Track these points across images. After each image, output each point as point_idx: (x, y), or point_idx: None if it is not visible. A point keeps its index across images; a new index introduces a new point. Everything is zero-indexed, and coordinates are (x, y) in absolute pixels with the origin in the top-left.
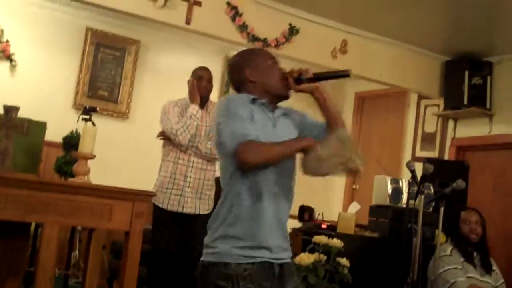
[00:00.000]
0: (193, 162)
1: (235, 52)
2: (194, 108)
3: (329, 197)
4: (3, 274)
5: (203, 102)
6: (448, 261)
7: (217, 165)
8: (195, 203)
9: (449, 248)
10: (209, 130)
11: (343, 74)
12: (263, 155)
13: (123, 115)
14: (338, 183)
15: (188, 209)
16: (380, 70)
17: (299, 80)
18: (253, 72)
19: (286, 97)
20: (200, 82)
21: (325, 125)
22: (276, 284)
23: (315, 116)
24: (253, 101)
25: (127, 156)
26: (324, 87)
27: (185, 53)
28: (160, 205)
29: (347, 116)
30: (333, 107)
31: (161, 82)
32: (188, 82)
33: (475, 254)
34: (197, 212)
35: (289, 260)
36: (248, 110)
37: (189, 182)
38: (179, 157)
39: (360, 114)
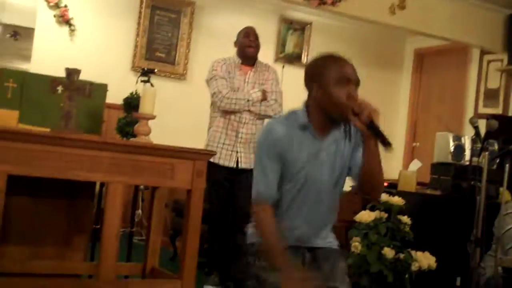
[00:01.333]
0: (245, 119)
1: (290, 12)
2: (257, 96)
3: (388, 155)
4: (72, 231)
5: (253, 61)
6: None
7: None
8: (249, 158)
9: None
10: (260, 92)
11: (384, 143)
12: (258, 228)
13: (180, 76)
14: (398, 141)
15: (244, 164)
16: (440, 25)
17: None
18: (318, 90)
19: (343, 122)
20: (247, 37)
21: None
22: (310, 265)
23: None
24: (301, 127)
25: (186, 116)
26: (375, 142)
27: (240, 13)
28: (213, 160)
29: (406, 73)
30: (373, 159)
31: (216, 42)
32: (234, 43)
33: None
34: (252, 167)
35: (324, 245)
36: (275, 154)
37: (241, 138)
38: (232, 113)
39: (419, 71)
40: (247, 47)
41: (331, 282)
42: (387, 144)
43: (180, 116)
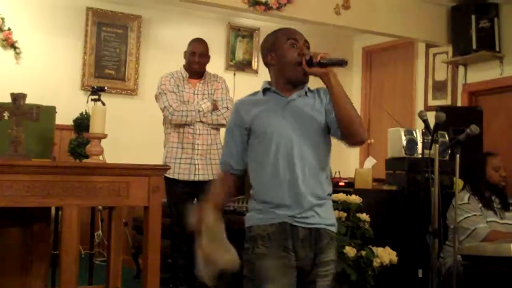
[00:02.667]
0: (199, 130)
1: (237, 19)
2: (207, 106)
3: (344, 155)
4: (30, 259)
5: (199, 75)
6: (466, 208)
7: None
8: (206, 169)
9: (466, 196)
10: (210, 102)
11: (341, 64)
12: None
13: (131, 92)
14: None
15: (201, 176)
16: (385, 23)
17: (310, 63)
18: (273, 56)
19: (301, 82)
20: (192, 57)
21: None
22: (303, 246)
23: None
24: (265, 91)
25: (140, 132)
26: (333, 73)
27: (187, 23)
28: (171, 176)
29: (357, 71)
30: (339, 94)
31: (166, 55)
32: (184, 53)
33: (493, 197)
34: (210, 178)
35: (321, 227)
36: (235, 130)
37: (198, 149)
38: (184, 126)
39: (369, 69)
40: (192, 64)
41: (311, 276)
42: (342, 62)
43: (134, 132)
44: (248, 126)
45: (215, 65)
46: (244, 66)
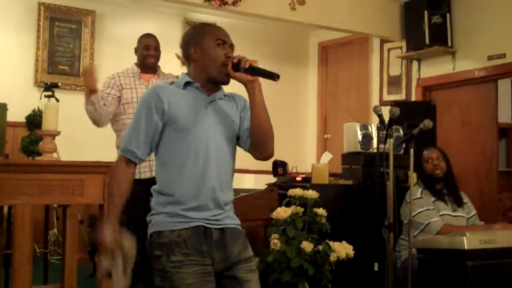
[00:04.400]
0: None
1: (194, 15)
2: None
3: (301, 150)
4: None
5: (153, 70)
6: (419, 203)
7: None
8: None
9: (418, 191)
10: None
11: (272, 76)
12: (111, 181)
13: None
14: (309, 134)
15: (154, 172)
16: (340, 18)
17: (236, 67)
18: (197, 51)
19: (223, 83)
20: (147, 51)
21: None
22: (218, 249)
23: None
24: (186, 85)
25: (95, 129)
26: (258, 83)
27: (142, 18)
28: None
29: (312, 66)
30: (259, 105)
31: (121, 51)
32: (135, 50)
33: (444, 191)
34: None
35: (233, 226)
36: (151, 115)
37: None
38: None
39: (325, 64)
40: (147, 57)
41: (234, 271)
42: (274, 75)
43: (90, 129)
44: (166, 115)
45: (172, 62)
46: None
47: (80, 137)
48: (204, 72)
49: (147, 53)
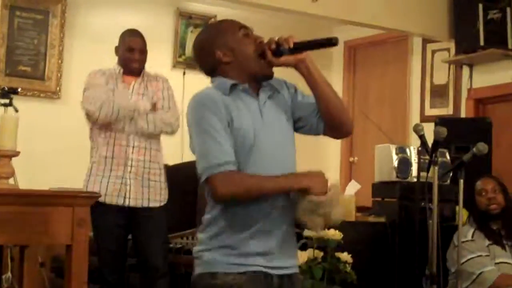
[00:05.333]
0: (133, 141)
1: (189, 5)
2: (144, 105)
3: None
4: None
5: (137, 73)
6: (471, 248)
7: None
8: (142, 193)
9: (470, 232)
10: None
11: (329, 42)
12: (243, 191)
13: (52, 95)
14: (332, 156)
15: (132, 200)
16: (372, 12)
17: (278, 52)
18: (226, 52)
19: (269, 77)
20: (131, 54)
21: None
22: None
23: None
24: (232, 89)
25: (62, 146)
26: (310, 58)
27: (125, 8)
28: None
29: (337, 71)
30: (321, 82)
31: (98, 48)
32: (116, 49)
33: (502, 232)
34: (145, 205)
35: (294, 270)
36: (222, 117)
37: (131, 166)
38: (115, 136)
39: (352, 69)
40: (130, 62)
41: None
42: (331, 40)
43: (56, 147)
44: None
45: (160, 61)
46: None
47: (44, 157)
48: (244, 71)
49: (131, 56)
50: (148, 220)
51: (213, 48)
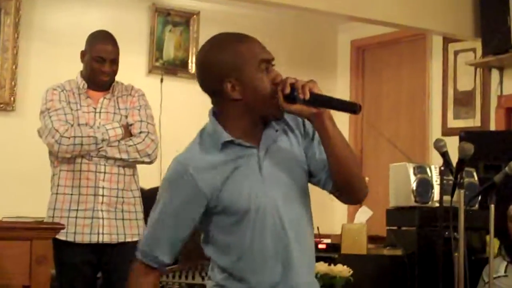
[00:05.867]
0: (104, 167)
1: None
2: (115, 132)
3: (326, 202)
4: None
5: (105, 87)
6: (503, 285)
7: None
8: (116, 226)
9: (502, 265)
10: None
11: (351, 108)
12: None
13: (6, 107)
14: None
15: (106, 236)
16: (384, 7)
17: (291, 98)
18: (236, 86)
19: (278, 119)
20: (101, 65)
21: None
22: None
23: None
24: (225, 145)
25: (17, 166)
26: (328, 114)
27: (92, 3)
28: (63, 238)
29: (342, 76)
30: (336, 142)
31: (60, 52)
32: (81, 54)
33: None
34: (121, 240)
35: None
36: (180, 209)
37: (102, 196)
38: (81, 161)
39: (360, 73)
40: (99, 74)
41: None
42: (353, 106)
43: (8, 167)
44: (209, 203)
45: (133, 66)
46: (177, 67)
47: None
48: (250, 113)
49: (100, 68)
50: (122, 257)
51: (222, 75)
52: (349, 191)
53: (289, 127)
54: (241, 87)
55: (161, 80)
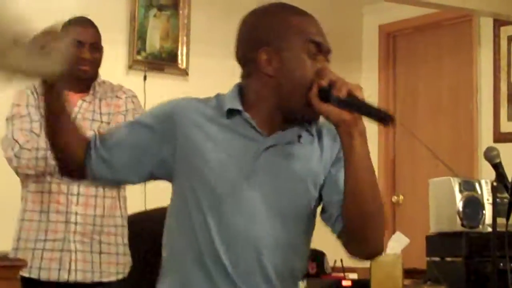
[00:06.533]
0: (78, 187)
1: None
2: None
3: None
4: None
5: (84, 84)
6: None
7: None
8: (91, 262)
9: None
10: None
11: (385, 119)
12: None
13: None
14: None
15: (80, 274)
16: None
17: (325, 94)
18: (273, 59)
19: (308, 119)
20: (79, 51)
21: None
22: None
23: None
24: (231, 113)
25: None
26: (360, 126)
27: None
28: (26, 274)
29: (369, 67)
30: (361, 166)
31: None
32: None
33: None
34: (96, 279)
35: None
36: (149, 133)
37: (76, 224)
38: (51, 180)
39: (391, 64)
40: (77, 63)
41: None
42: (387, 117)
43: None
44: (179, 155)
45: (111, 60)
46: (163, 61)
47: None
48: (278, 99)
49: (78, 54)
50: None
51: (261, 41)
52: (360, 239)
53: (321, 141)
54: (278, 63)
55: (144, 78)
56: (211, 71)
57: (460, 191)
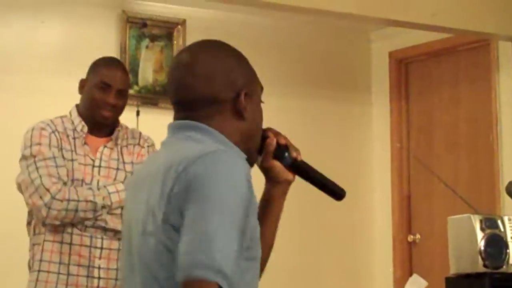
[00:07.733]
0: (101, 241)
1: (139, 5)
2: (119, 195)
3: (360, 267)
4: None
5: (109, 129)
6: None
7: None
8: None
9: None
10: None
11: (336, 193)
12: None
13: None
14: (378, 235)
15: None
16: (432, 7)
17: (279, 153)
18: (248, 103)
19: (251, 163)
20: (104, 94)
21: None
22: None
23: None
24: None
25: None
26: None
27: (46, 16)
28: None
29: (379, 96)
30: (277, 222)
31: (10, 80)
32: (81, 84)
33: None
34: None
35: None
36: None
37: (98, 278)
38: (72, 231)
39: (403, 93)
40: (100, 109)
41: None
42: (338, 191)
43: None
44: None
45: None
46: (157, 95)
47: None
48: (243, 142)
49: (104, 98)
50: None
51: (236, 84)
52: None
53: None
54: (251, 107)
55: (137, 113)
56: None
57: (482, 229)
